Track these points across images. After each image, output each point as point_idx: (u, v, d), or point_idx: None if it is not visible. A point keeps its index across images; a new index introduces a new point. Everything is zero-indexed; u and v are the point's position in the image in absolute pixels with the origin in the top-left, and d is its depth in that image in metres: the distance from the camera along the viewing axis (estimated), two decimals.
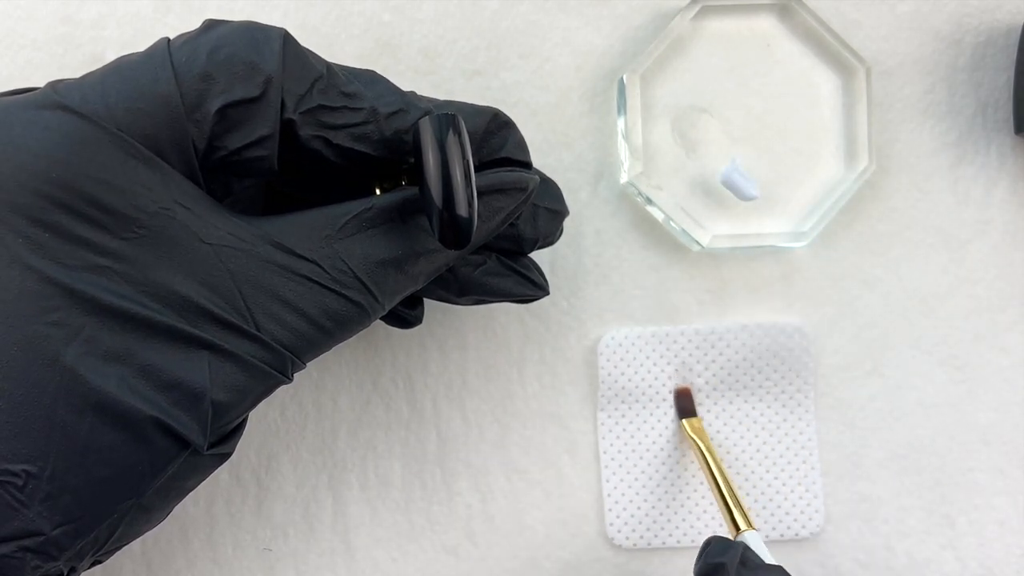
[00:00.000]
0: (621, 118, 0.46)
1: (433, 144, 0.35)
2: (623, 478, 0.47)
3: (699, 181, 0.47)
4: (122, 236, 0.33)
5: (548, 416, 0.47)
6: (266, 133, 0.35)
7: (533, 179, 0.39)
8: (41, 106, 0.33)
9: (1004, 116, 0.48)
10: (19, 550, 0.33)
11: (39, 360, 0.32)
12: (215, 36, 0.35)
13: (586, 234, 0.47)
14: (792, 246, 0.47)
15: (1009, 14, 0.48)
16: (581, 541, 0.47)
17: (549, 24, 0.47)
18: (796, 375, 0.47)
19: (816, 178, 0.47)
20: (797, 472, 0.47)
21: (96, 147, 0.33)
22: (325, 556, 0.47)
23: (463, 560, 0.47)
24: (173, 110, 0.34)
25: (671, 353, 0.47)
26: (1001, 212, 0.48)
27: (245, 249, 0.35)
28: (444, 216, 0.35)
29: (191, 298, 0.34)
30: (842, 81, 0.47)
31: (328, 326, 0.36)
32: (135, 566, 0.46)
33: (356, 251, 0.36)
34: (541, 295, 0.42)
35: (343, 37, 0.46)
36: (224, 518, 0.47)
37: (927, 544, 0.48)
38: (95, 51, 0.46)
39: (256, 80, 0.34)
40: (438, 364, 0.47)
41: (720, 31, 0.47)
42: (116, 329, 0.33)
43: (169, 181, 0.34)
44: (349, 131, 0.36)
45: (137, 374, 0.33)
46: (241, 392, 0.35)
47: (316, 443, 0.47)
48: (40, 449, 0.32)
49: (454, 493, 0.47)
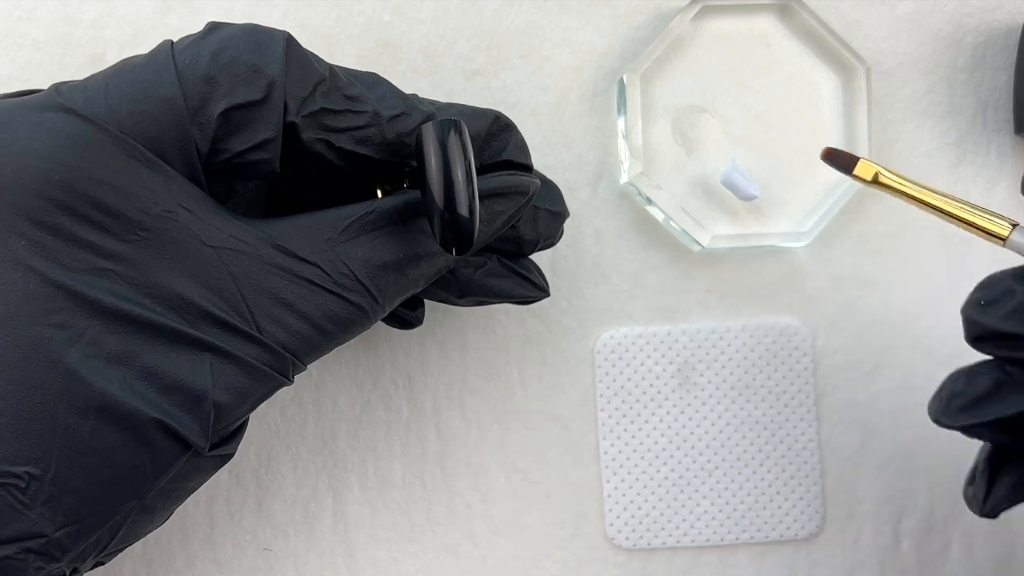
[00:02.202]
0: (621, 118, 0.46)
1: (435, 147, 0.35)
2: (623, 478, 0.47)
3: (699, 181, 0.47)
4: (125, 239, 0.33)
5: (548, 416, 0.47)
6: (269, 136, 0.35)
7: (534, 183, 0.39)
8: (44, 108, 0.33)
9: (1004, 116, 0.48)
10: (22, 552, 0.33)
11: (41, 362, 0.32)
12: (218, 39, 0.35)
13: (586, 234, 0.47)
14: (792, 246, 0.47)
15: (1009, 14, 0.48)
16: (581, 541, 0.47)
17: (549, 24, 0.47)
18: (796, 375, 0.47)
19: (816, 178, 0.47)
20: (797, 472, 0.47)
21: (99, 150, 0.33)
22: (325, 556, 0.47)
23: (463, 560, 0.47)
24: (176, 113, 0.34)
25: (672, 353, 0.47)
26: (1001, 212, 0.48)
27: (247, 252, 0.35)
28: (446, 219, 0.35)
29: (193, 300, 0.34)
30: (842, 81, 0.47)
31: (329, 328, 0.36)
32: (135, 566, 0.46)
33: (358, 254, 0.36)
34: (542, 296, 0.42)
35: (343, 37, 0.46)
36: (224, 518, 0.47)
37: (927, 544, 0.48)
38: (95, 51, 0.46)
39: (259, 83, 0.34)
40: (438, 364, 0.47)
41: (720, 31, 0.47)
42: (118, 331, 0.33)
43: (172, 184, 0.34)
44: (351, 134, 0.36)
45: (139, 376, 0.33)
46: (242, 394, 0.35)
47: (316, 443, 0.47)
48: (42, 451, 0.32)
49: (454, 493, 0.47)
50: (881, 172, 0.39)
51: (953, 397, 0.37)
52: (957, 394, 0.37)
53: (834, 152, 0.40)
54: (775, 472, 0.47)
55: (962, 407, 0.36)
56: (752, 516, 0.47)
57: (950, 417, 0.37)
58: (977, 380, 0.37)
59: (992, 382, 0.36)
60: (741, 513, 0.47)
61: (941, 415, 0.37)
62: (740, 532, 0.47)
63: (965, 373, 0.37)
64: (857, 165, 0.39)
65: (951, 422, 0.37)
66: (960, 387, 0.37)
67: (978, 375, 0.37)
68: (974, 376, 0.37)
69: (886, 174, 0.39)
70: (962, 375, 0.37)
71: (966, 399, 0.36)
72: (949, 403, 0.37)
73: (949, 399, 0.37)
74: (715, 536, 0.47)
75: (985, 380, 0.36)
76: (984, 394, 0.36)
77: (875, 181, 0.39)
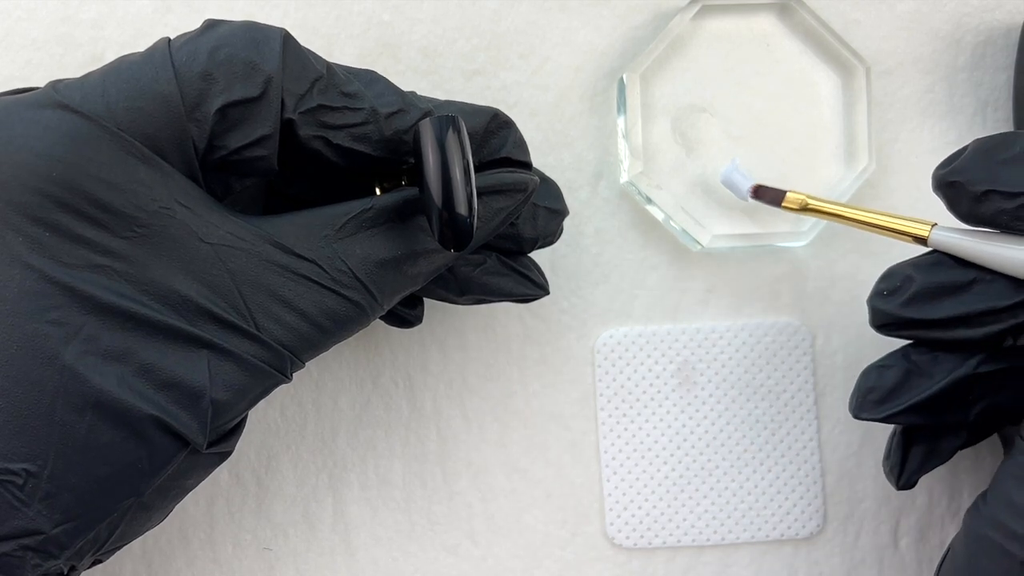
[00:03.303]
0: (621, 118, 0.46)
1: (433, 144, 0.35)
2: (623, 478, 0.47)
3: (699, 181, 0.47)
4: (122, 235, 0.33)
5: (549, 415, 0.47)
6: (266, 133, 0.35)
7: (533, 180, 0.39)
8: (42, 105, 0.33)
9: (1004, 116, 0.48)
10: (19, 549, 0.33)
11: (39, 359, 0.32)
12: (215, 36, 0.35)
13: (586, 234, 0.47)
14: (792, 246, 0.47)
15: (1009, 14, 0.48)
16: (581, 541, 0.47)
17: (549, 24, 0.47)
18: (796, 375, 0.47)
19: (816, 178, 0.47)
20: (797, 472, 0.47)
21: (96, 146, 0.33)
22: (325, 556, 0.47)
23: (463, 560, 0.47)
24: (173, 109, 0.34)
25: (672, 352, 0.47)
26: None
27: (245, 248, 0.35)
28: (444, 216, 0.35)
29: (191, 297, 0.34)
30: (842, 81, 0.47)
31: (327, 326, 0.36)
32: (135, 566, 0.46)
33: (356, 251, 0.36)
34: (541, 294, 0.42)
35: (343, 37, 0.46)
36: (224, 518, 0.47)
37: (927, 544, 0.48)
38: (95, 51, 0.46)
39: (256, 80, 0.34)
40: (438, 363, 0.47)
41: (720, 31, 0.47)
42: (116, 328, 0.33)
43: (169, 180, 0.34)
44: (349, 131, 0.36)
45: (137, 373, 0.33)
46: (240, 391, 0.35)
47: (316, 443, 0.47)
48: (40, 448, 0.32)
49: (454, 492, 0.47)
50: (808, 200, 0.43)
51: (868, 392, 0.40)
52: (871, 388, 0.40)
53: (761, 188, 0.44)
54: (775, 472, 0.47)
55: (877, 400, 0.40)
56: (752, 516, 0.47)
57: (868, 411, 0.40)
58: (886, 373, 0.40)
59: (900, 373, 0.40)
60: (741, 513, 0.47)
61: (860, 410, 0.41)
62: (740, 532, 0.47)
63: (876, 368, 0.41)
64: (785, 197, 0.43)
65: (871, 415, 0.40)
66: (872, 382, 0.40)
67: (887, 368, 0.40)
68: (884, 370, 0.40)
69: (812, 201, 0.42)
70: (873, 370, 0.41)
71: (881, 392, 0.40)
72: (865, 398, 0.40)
73: (865, 394, 0.41)
74: (715, 536, 0.47)
75: (893, 372, 0.40)
76: (895, 385, 0.40)
77: (805, 208, 0.43)
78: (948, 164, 0.38)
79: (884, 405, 0.40)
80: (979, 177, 0.37)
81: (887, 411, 0.40)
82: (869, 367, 0.41)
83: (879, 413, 0.40)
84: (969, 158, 0.37)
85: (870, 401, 0.40)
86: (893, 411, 0.40)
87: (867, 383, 0.40)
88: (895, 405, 0.40)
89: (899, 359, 0.40)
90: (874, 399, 0.40)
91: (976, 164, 0.37)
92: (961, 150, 0.38)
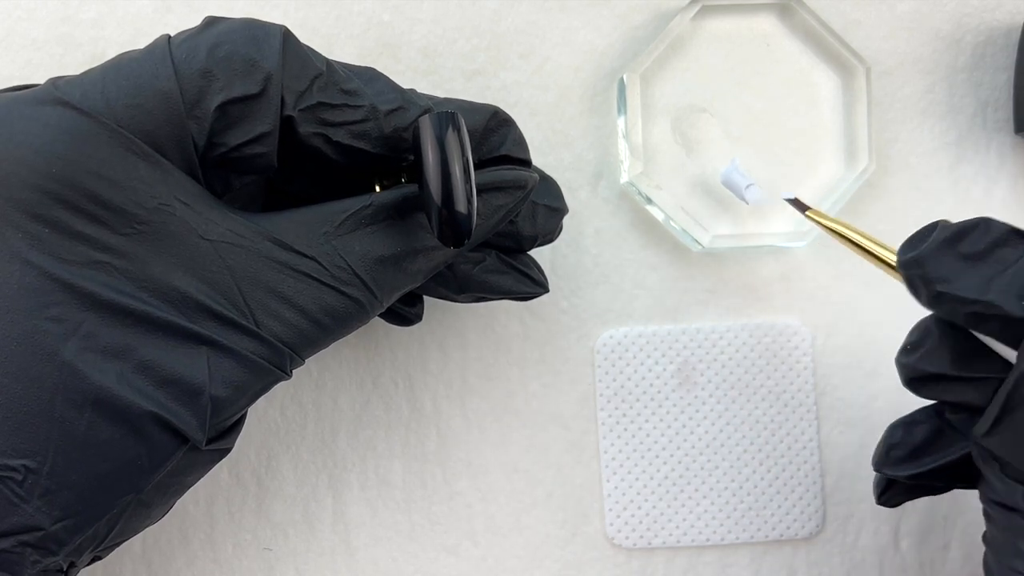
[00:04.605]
0: (621, 118, 0.46)
1: (433, 141, 0.35)
2: (623, 478, 0.47)
3: (699, 181, 0.47)
4: (121, 232, 0.33)
5: (548, 415, 0.47)
6: (266, 130, 0.35)
7: (532, 177, 0.39)
8: (41, 102, 0.33)
9: (1004, 116, 0.48)
10: (18, 545, 0.33)
11: (38, 355, 0.32)
12: (215, 33, 0.35)
13: (586, 234, 0.47)
14: (792, 246, 0.47)
15: (1009, 14, 0.48)
16: (581, 541, 0.47)
17: (549, 24, 0.47)
18: (796, 375, 0.47)
19: (816, 178, 0.47)
20: (797, 472, 0.47)
21: (96, 143, 0.33)
22: (325, 556, 0.47)
23: (463, 560, 0.47)
24: (173, 106, 0.34)
25: (672, 353, 0.47)
26: (1001, 212, 0.48)
27: (244, 245, 0.35)
28: (443, 214, 0.35)
29: (190, 294, 0.34)
30: (842, 81, 0.47)
31: (327, 323, 0.36)
32: (135, 565, 0.46)
33: (355, 248, 0.36)
34: (541, 292, 0.42)
35: (343, 37, 0.46)
36: (224, 518, 0.47)
37: (927, 544, 0.48)
38: (95, 51, 0.46)
39: (256, 77, 0.34)
40: (438, 363, 0.47)
41: (720, 31, 0.47)
42: (115, 325, 0.33)
43: (169, 177, 0.34)
44: (348, 128, 0.36)
45: (136, 369, 0.33)
46: (240, 388, 0.35)
47: (316, 443, 0.47)
48: (39, 444, 0.32)
49: (454, 493, 0.47)
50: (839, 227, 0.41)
51: (892, 448, 0.39)
52: (896, 444, 0.39)
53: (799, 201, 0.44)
54: (775, 472, 0.47)
55: (901, 458, 0.38)
56: (752, 516, 0.47)
57: (891, 467, 0.39)
58: (914, 430, 0.38)
59: (929, 431, 0.38)
60: (741, 513, 0.47)
61: (882, 466, 0.39)
62: (740, 532, 0.47)
63: (903, 423, 0.39)
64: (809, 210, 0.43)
65: (892, 472, 0.39)
66: (898, 438, 0.39)
67: (916, 424, 0.39)
68: (912, 426, 0.39)
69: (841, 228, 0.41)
70: (900, 426, 0.39)
71: (905, 449, 0.38)
72: (888, 454, 0.39)
73: (888, 450, 0.39)
74: (715, 536, 0.47)
75: (923, 429, 0.38)
76: (922, 443, 0.38)
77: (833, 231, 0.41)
78: (912, 248, 0.36)
79: (907, 464, 0.38)
80: (937, 273, 0.35)
81: (909, 471, 0.38)
82: (896, 422, 0.39)
83: (900, 472, 0.38)
84: (932, 247, 0.35)
85: (893, 458, 0.38)
86: (916, 471, 0.38)
87: (891, 439, 0.39)
88: (919, 465, 0.38)
89: (930, 415, 0.39)
90: (897, 456, 0.38)
91: (938, 255, 0.35)
92: (930, 227, 0.36)
